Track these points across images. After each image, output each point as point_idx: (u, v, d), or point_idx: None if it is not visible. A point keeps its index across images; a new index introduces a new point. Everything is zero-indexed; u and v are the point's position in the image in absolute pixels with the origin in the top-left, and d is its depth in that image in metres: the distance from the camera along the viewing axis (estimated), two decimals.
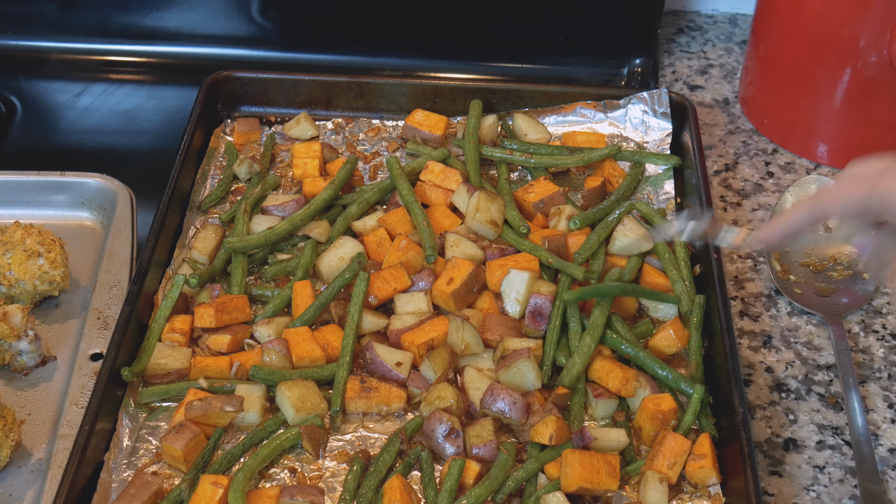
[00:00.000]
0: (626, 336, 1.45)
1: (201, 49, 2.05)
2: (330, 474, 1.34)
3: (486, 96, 1.82)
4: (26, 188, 1.71)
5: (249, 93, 1.85)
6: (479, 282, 1.50)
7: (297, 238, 1.61)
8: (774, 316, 1.58)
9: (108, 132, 1.93)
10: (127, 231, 1.64)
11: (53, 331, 1.53)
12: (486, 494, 1.27)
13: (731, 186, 1.80)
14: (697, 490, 1.32)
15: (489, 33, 2.02)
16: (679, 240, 1.52)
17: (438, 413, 1.34)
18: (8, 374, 1.47)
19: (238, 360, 1.43)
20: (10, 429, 1.33)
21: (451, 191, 1.65)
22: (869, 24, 1.67)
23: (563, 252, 1.56)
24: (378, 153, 1.79)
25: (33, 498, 1.32)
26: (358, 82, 1.84)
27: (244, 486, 1.27)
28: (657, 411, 1.35)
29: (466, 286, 1.47)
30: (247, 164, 1.72)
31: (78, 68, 2.04)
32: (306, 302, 1.49)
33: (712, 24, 2.19)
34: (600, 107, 1.82)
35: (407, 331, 1.45)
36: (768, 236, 1.27)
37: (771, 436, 1.42)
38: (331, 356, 1.45)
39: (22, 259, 1.49)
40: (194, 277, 1.50)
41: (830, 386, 1.49)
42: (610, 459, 1.30)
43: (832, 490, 1.36)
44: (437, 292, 1.48)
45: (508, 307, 1.48)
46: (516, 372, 1.39)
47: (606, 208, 1.62)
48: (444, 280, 1.48)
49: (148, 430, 1.38)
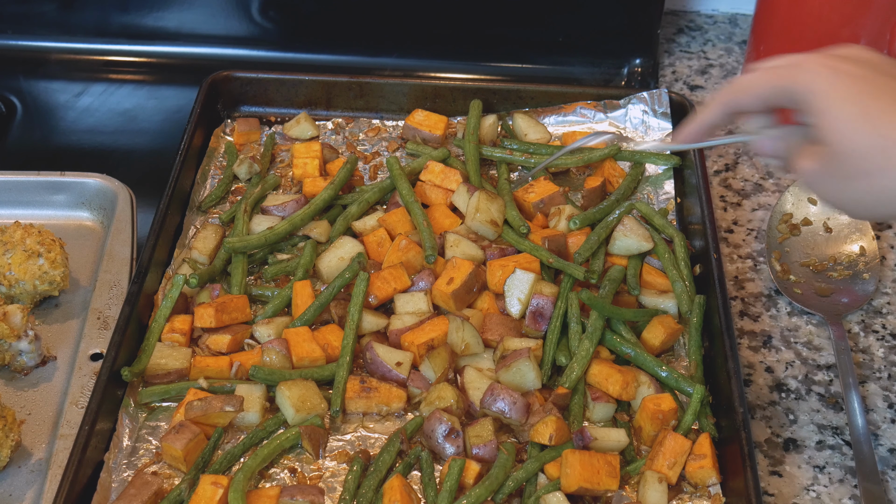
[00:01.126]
0: (627, 337, 1.45)
1: (201, 49, 2.05)
2: (330, 474, 1.34)
3: (486, 96, 1.82)
4: (26, 188, 1.71)
5: (249, 93, 1.85)
6: (479, 282, 1.50)
7: (297, 238, 1.61)
8: (774, 316, 1.58)
9: (108, 132, 1.93)
10: (127, 231, 1.64)
11: (53, 331, 1.53)
12: (486, 494, 1.27)
13: (731, 186, 1.80)
14: (697, 490, 1.32)
15: (489, 33, 2.02)
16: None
17: (438, 413, 1.34)
18: (8, 374, 1.47)
19: (238, 360, 1.43)
20: (10, 429, 1.33)
21: (451, 191, 1.65)
22: (869, 24, 1.67)
23: (564, 252, 1.56)
24: (378, 153, 1.79)
25: (33, 498, 1.32)
26: (358, 82, 1.84)
27: (244, 486, 1.27)
28: (657, 411, 1.35)
29: (466, 286, 1.47)
30: (247, 164, 1.72)
31: (78, 68, 2.04)
32: (306, 302, 1.49)
33: (712, 24, 2.19)
34: (600, 107, 1.82)
35: (407, 331, 1.45)
36: (687, 137, 1.26)
37: (771, 436, 1.43)
38: (331, 356, 1.45)
39: (22, 259, 1.49)
40: (194, 277, 1.50)
41: (830, 386, 1.49)
42: (610, 459, 1.30)
43: (832, 490, 1.36)
44: (437, 292, 1.48)
45: (511, 306, 1.48)
46: (516, 372, 1.39)
47: (606, 208, 1.62)
48: (444, 280, 1.48)
49: (148, 430, 1.38)
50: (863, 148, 1.03)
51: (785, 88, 1.11)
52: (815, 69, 1.08)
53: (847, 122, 1.04)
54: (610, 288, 1.49)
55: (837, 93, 1.06)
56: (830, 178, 1.08)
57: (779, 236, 1.66)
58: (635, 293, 1.51)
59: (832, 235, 1.65)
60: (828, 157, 1.07)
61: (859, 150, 1.04)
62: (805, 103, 1.09)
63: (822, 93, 1.06)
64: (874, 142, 1.03)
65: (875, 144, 1.03)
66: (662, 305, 1.51)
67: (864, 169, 1.04)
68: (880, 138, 1.02)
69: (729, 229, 1.72)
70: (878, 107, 1.04)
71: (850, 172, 1.05)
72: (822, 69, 1.08)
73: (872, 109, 1.04)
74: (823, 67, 1.08)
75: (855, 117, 1.04)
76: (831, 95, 1.06)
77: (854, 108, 1.04)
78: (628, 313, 1.47)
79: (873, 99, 1.04)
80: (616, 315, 1.45)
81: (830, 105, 1.06)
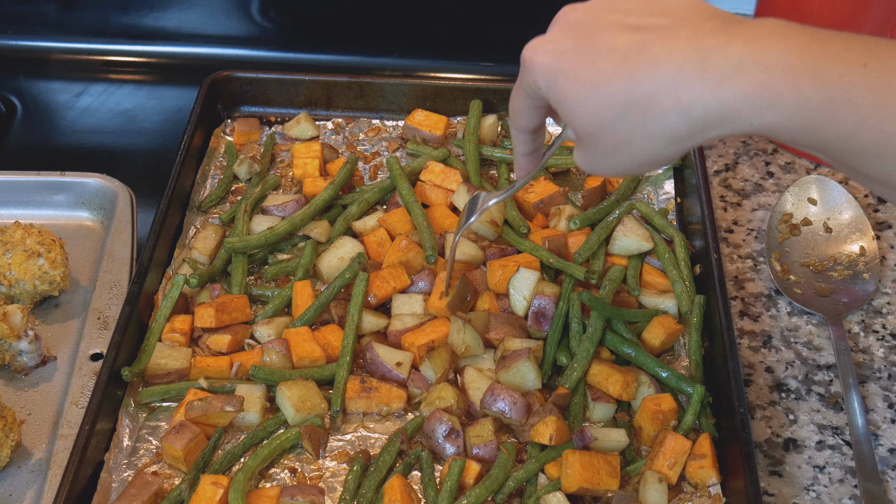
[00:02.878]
0: (627, 337, 1.45)
1: (201, 49, 2.05)
2: (330, 474, 1.34)
3: (486, 96, 1.82)
4: (26, 188, 1.71)
5: (249, 93, 1.85)
6: (470, 289, 1.49)
7: (297, 238, 1.61)
8: (774, 316, 1.59)
9: (108, 132, 1.93)
10: (127, 231, 1.64)
11: (53, 331, 1.53)
12: (486, 494, 1.27)
13: (731, 186, 1.80)
14: (697, 490, 1.32)
15: (489, 33, 2.02)
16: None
17: (438, 413, 1.34)
18: (8, 374, 1.47)
19: (238, 360, 1.43)
20: (10, 429, 1.33)
21: (451, 191, 1.65)
22: (869, 24, 1.67)
23: (564, 252, 1.56)
24: (378, 153, 1.79)
25: (33, 498, 1.32)
26: (358, 82, 1.84)
27: (244, 486, 1.27)
28: (657, 411, 1.35)
29: (460, 297, 1.47)
30: (247, 164, 1.72)
31: (78, 68, 2.04)
32: (306, 302, 1.49)
33: None
34: None
35: (407, 332, 1.45)
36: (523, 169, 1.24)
37: (771, 436, 1.43)
38: (331, 356, 1.45)
39: (22, 259, 1.49)
40: (194, 277, 1.50)
41: (830, 386, 1.49)
42: (610, 459, 1.30)
43: (832, 490, 1.36)
44: (433, 308, 1.48)
45: (516, 305, 1.48)
46: (516, 372, 1.39)
47: (606, 208, 1.62)
48: (436, 296, 1.48)
49: (148, 430, 1.38)
50: (603, 125, 1.00)
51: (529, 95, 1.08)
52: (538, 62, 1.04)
53: (577, 105, 1.00)
54: (610, 288, 1.49)
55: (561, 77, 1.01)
56: (595, 158, 1.05)
57: (779, 236, 1.66)
58: (635, 293, 1.51)
59: (832, 235, 1.66)
60: (584, 143, 1.04)
61: (602, 128, 1.00)
62: (546, 100, 1.06)
63: (548, 85, 1.03)
64: (608, 115, 0.98)
65: (610, 117, 0.98)
66: (662, 305, 1.51)
67: (615, 144, 1.00)
68: (610, 110, 0.98)
69: (729, 229, 1.72)
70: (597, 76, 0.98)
71: (606, 150, 1.02)
72: (538, 57, 1.04)
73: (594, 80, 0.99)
74: (539, 55, 1.04)
75: (582, 97, 1.00)
76: (557, 83, 1.02)
77: (579, 87, 1.00)
78: (629, 314, 1.47)
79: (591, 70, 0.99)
80: (616, 316, 1.45)
81: (560, 94, 1.02)
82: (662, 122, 0.96)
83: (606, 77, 0.98)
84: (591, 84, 0.99)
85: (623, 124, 0.99)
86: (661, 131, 0.97)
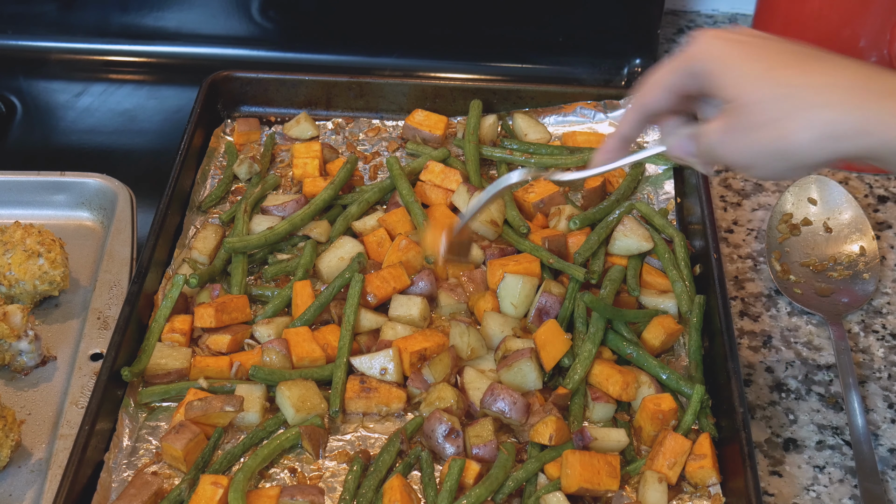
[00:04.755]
0: (629, 337, 1.45)
1: (201, 49, 2.05)
2: (330, 474, 1.34)
3: (486, 96, 1.82)
4: (26, 188, 1.71)
5: (249, 93, 1.85)
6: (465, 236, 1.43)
7: (297, 238, 1.61)
8: (774, 316, 1.59)
9: (108, 132, 1.93)
10: (127, 231, 1.64)
11: (53, 331, 1.53)
12: (486, 494, 1.27)
13: (731, 186, 1.80)
14: (697, 490, 1.32)
15: (489, 33, 2.02)
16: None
17: (438, 413, 1.34)
18: (8, 374, 1.47)
19: (238, 360, 1.43)
20: (10, 429, 1.33)
21: (451, 191, 1.65)
22: (869, 24, 1.67)
23: (564, 252, 1.56)
24: (378, 153, 1.79)
25: (33, 498, 1.32)
26: (358, 82, 1.84)
27: (244, 486, 1.27)
28: (657, 411, 1.35)
29: (454, 250, 1.41)
30: (247, 164, 1.72)
31: (78, 68, 2.04)
32: (306, 302, 1.49)
33: (712, 24, 2.19)
34: (600, 107, 1.82)
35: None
36: (607, 156, 1.26)
37: (771, 436, 1.43)
38: (331, 356, 1.44)
39: (22, 259, 1.49)
40: (194, 277, 1.50)
41: (830, 386, 1.49)
42: (610, 460, 1.30)
43: (832, 490, 1.36)
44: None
45: (506, 311, 1.48)
46: (517, 372, 1.39)
47: (606, 208, 1.62)
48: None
49: (148, 430, 1.38)
50: (766, 97, 1.05)
51: (685, 69, 1.12)
52: (708, 41, 1.10)
53: (748, 76, 1.06)
54: (610, 288, 1.49)
55: (734, 56, 1.08)
56: (734, 132, 1.08)
57: (779, 236, 1.66)
58: (635, 294, 1.51)
59: (832, 235, 1.66)
60: (732, 113, 1.08)
61: (762, 100, 1.05)
62: (706, 73, 1.10)
63: (718, 59, 1.09)
64: (776, 91, 1.04)
65: (777, 93, 1.04)
66: (662, 305, 1.51)
67: (767, 118, 1.05)
68: (780, 87, 1.04)
69: (729, 229, 1.72)
70: (775, 62, 1.06)
71: (754, 123, 1.06)
72: (714, 40, 1.10)
73: (771, 64, 1.06)
74: (716, 38, 1.10)
75: (756, 72, 1.06)
76: (729, 58, 1.08)
77: (754, 65, 1.07)
78: (629, 314, 1.47)
79: (769, 58, 1.07)
80: (617, 317, 1.45)
81: (730, 66, 1.08)
82: (825, 112, 1.02)
83: (784, 63, 1.05)
84: (769, 63, 1.06)
85: (784, 102, 1.04)
86: (822, 119, 1.02)
